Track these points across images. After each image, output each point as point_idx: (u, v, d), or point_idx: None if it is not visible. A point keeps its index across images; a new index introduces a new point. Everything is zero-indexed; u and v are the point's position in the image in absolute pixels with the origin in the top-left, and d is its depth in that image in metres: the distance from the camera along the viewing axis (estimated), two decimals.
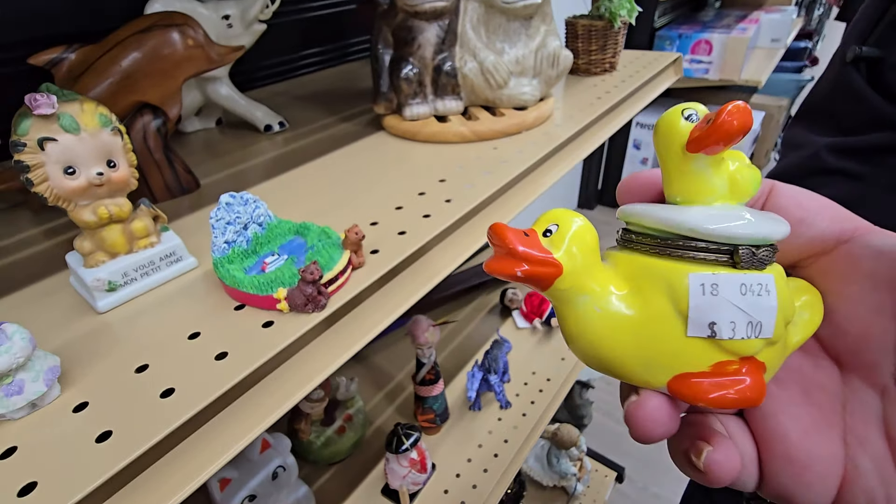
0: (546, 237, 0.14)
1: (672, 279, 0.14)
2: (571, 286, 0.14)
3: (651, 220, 0.14)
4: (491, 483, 0.67)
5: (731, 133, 0.13)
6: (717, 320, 0.13)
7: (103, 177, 0.30)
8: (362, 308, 0.32)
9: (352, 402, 0.69)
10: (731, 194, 0.14)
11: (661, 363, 0.14)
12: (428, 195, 0.42)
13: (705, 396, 0.13)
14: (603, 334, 0.14)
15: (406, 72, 0.51)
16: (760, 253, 0.13)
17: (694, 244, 0.14)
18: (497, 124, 0.52)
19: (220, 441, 0.24)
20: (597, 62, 0.68)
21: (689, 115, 0.14)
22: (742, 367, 0.13)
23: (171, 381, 0.25)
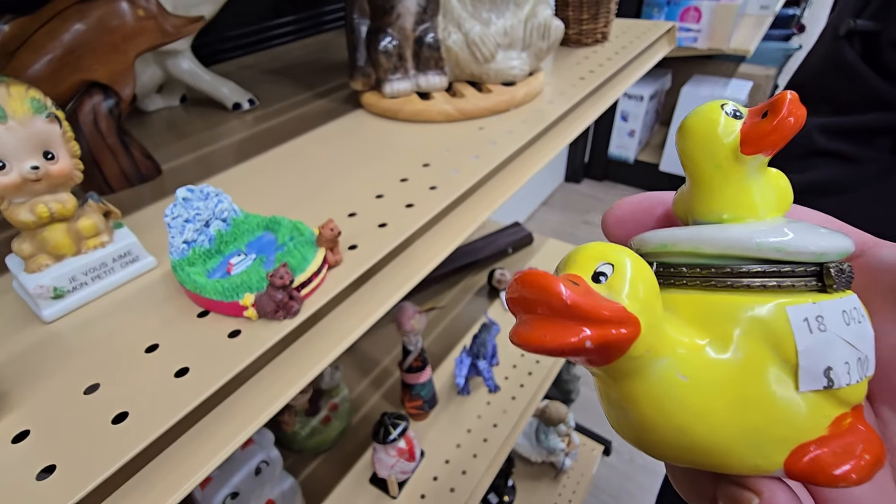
0: (599, 283, 0.10)
1: (768, 318, 0.10)
2: (648, 350, 0.10)
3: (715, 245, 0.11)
4: (481, 468, 0.67)
5: (793, 128, 0.11)
6: (832, 364, 0.10)
7: (39, 171, 0.26)
8: (340, 310, 0.30)
9: (337, 390, 0.68)
10: (777, 206, 0.12)
11: (773, 435, 0.10)
12: (411, 181, 0.39)
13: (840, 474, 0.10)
14: (697, 410, 0.10)
15: (384, 44, 0.47)
16: (847, 268, 0.11)
17: (776, 268, 0.11)
18: (484, 101, 0.49)
19: (181, 469, 0.22)
20: (588, 32, 0.65)
21: (735, 111, 0.12)
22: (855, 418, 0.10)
23: (124, 404, 0.23)
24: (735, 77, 2.02)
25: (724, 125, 0.11)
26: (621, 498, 1.22)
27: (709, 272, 0.11)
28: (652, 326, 0.10)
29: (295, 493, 0.60)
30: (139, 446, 0.20)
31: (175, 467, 0.22)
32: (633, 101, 2.01)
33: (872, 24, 0.34)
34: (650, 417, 0.11)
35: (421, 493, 0.64)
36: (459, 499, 0.63)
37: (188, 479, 0.22)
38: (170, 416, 0.22)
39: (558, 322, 0.09)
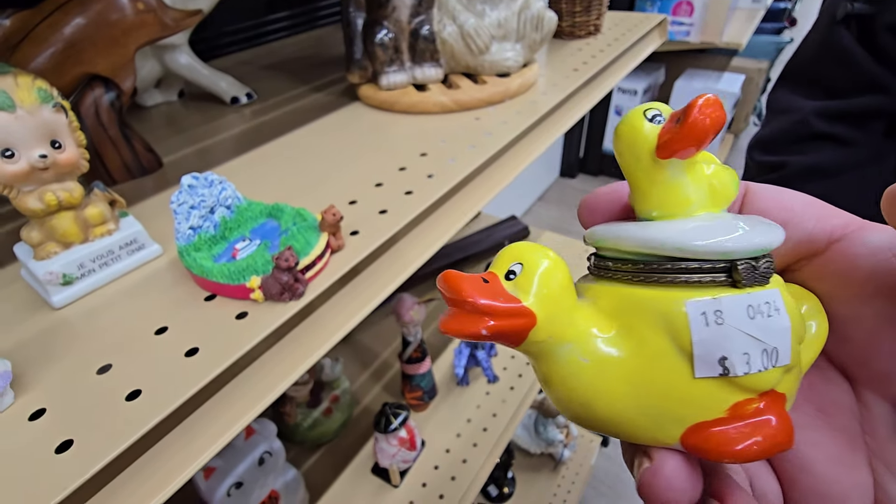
0: (510, 280, 0.12)
1: (667, 310, 0.11)
2: (549, 336, 0.12)
3: (630, 243, 0.12)
4: (481, 457, 0.68)
5: (705, 131, 0.11)
6: (727, 354, 0.11)
7: (47, 159, 0.27)
8: (344, 293, 0.30)
9: (337, 382, 0.68)
10: (712, 201, 0.12)
11: (671, 415, 0.11)
12: (409, 170, 0.40)
13: (730, 450, 0.11)
14: (597, 389, 0.12)
15: (381, 37, 0.48)
16: (762, 265, 0.11)
17: (684, 265, 0.11)
18: (479, 93, 0.49)
19: (193, 445, 0.23)
20: (581, 24, 0.66)
21: (654, 115, 0.12)
22: (762, 403, 0.11)
23: (136, 382, 0.23)
24: (728, 70, 2.03)
25: (644, 132, 0.12)
26: (619, 488, 1.23)
27: (629, 268, 0.12)
28: (552, 317, 0.12)
29: (298, 483, 0.61)
30: (154, 420, 0.21)
31: (189, 442, 0.22)
32: (626, 95, 2.02)
33: (868, 7, 0.35)
34: (561, 393, 0.12)
35: (422, 482, 0.65)
36: (460, 487, 0.64)
37: (202, 454, 0.23)
38: (182, 392, 0.22)
39: (468, 314, 0.11)
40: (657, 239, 0.12)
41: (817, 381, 0.14)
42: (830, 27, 0.38)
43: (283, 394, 0.63)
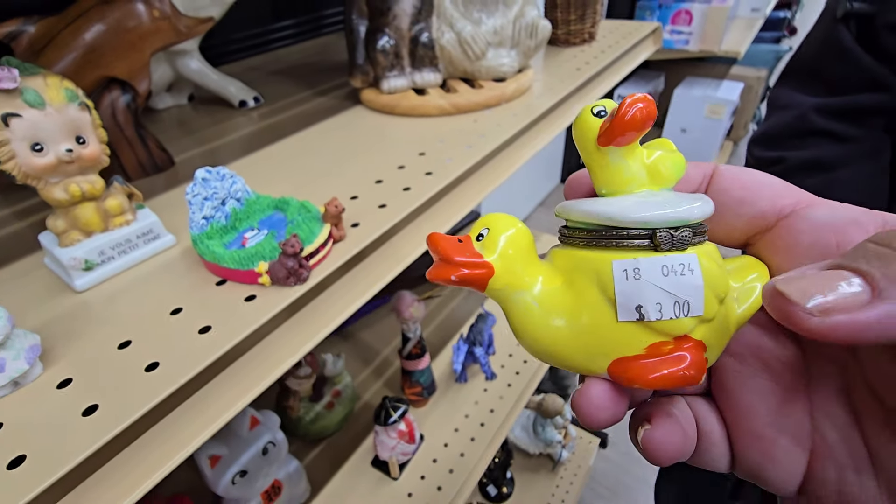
0: (479, 241, 0.15)
1: (599, 268, 0.14)
2: (506, 285, 0.15)
3: (577, 214, 0.15)
4: (478, 451, 0.69)
5: (633, 124, 0.13)
6: (642, 303, 0.13)
7: (73, 153, 0.29)
8: (344, 281, 0.33)
9: (339, 378, 0.70)
10: (653, 181, 0.15)
11: (600, 350, 0.14)
12: (408, 168, 0.42)
13: (643, 378, 0.13)
14: (543, 327, 0.15)
15: (382, 43, 0.50)
16: (680, 234, 0.14)
17: (616, 233, 0.14)
18: (476, 97, 0.52)
19: (206, 413, 0.25)
20: (576, 32, 0.68)
21: (599, 111, 0.15)
22: (678, 346, 0.14)
23: (155, 356, 0.25)
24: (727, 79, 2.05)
25: (589, 124, 0.15)
26: (617, 489, 1.24)
27: (580, 234, 0.15)
28: (508, 269, 0.15)
29: (300, 474, 0.62)
30: (173, 387, 0.23)
31: (202, 409, 0.25)
32: None
33: (868, 6, 0.36)
34: (517, 330, 0.15)
35: (421, 475, 0.66)
36: (458, 479, 0.66)
37: (214, 422, 0.25)
38: (197, 363, 0.24)
39: (444, 265, 0.15)
40: (594, 211, 0.14)
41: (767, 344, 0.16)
42: (831, 25, 0.39)
43: (286, 387, 0.65)
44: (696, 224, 0.14)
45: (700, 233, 0.14)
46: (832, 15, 0.40)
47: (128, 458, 0.23)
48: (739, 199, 0.16)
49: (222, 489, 0.53)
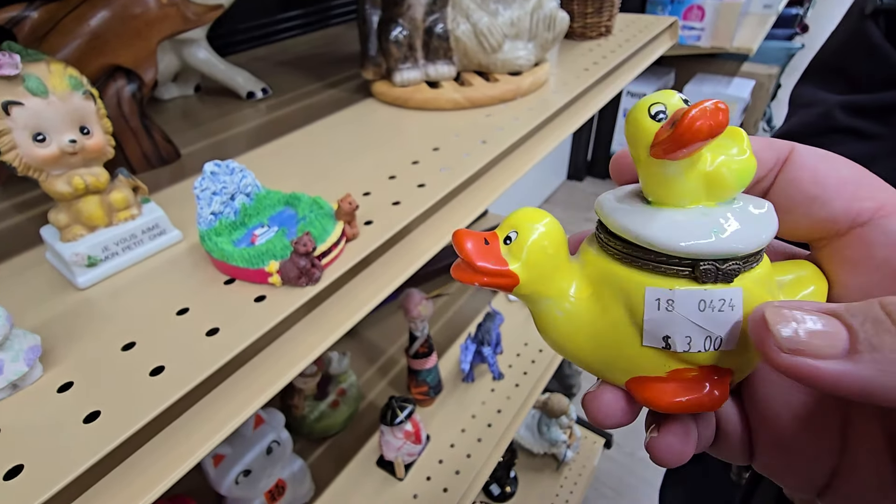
0: (507, 244, 0.14)
1: (630, 290, 0.13)
2: (532, 292, 0.14)
3: (615, 225, 0.14)
4: (485, 452, 0.68)
5: (696, 138, 0.11)
6: (671, 334, 0.13)
7: (76, 144, 0.28)
8: (357, 281, 0.31)
9: (345, 376, 0.69)
10: (711, 192, 0.13)
11: (620, 366, 0.14)
12: (422, 164, 0.40)
13: (660, 401, 0.13)
14: (566, 334, 0.15)
15: (395, 34, 0.48)
16: (727, 267, 0.12)
17: (654, 256, 0.13)
18: (491, 90, 0.50)
19: (213, 419, 0.23)
20: (592, 25, 0.66)
21: (657, 112, 0.12)
22: (702, 374, 0.13)
23: (160, 359, 0.24)
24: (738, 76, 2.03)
25: (644, 127, 0.12)
26: (621, 490, 1.23)
27: (616, 245, 0.14)
28: (534, 278, 0.14)
29: (304, 474, 0.61)
30: (178, 393, 0.22)
31: (209, 416, 0.23)
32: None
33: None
34: (541, 331, 0.15)
35: (427, 476, 0.65)
36: (464, 481, 0.65)
37: (220, 429, 0.23)
38: (204, 368, 0.23)
39: (469, 268, 0.14)
40: (634, 230, 0.13)
41: None
42: (859, 21, 0.38)
43: (291, 385, 0.64)
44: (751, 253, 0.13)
45: (753, 261, 0.13)
46: (860, 11, 0.38)
47: (130, 468, 0.21)
48: (811, 196, 0.14)
49: (226, 489, 0.53)
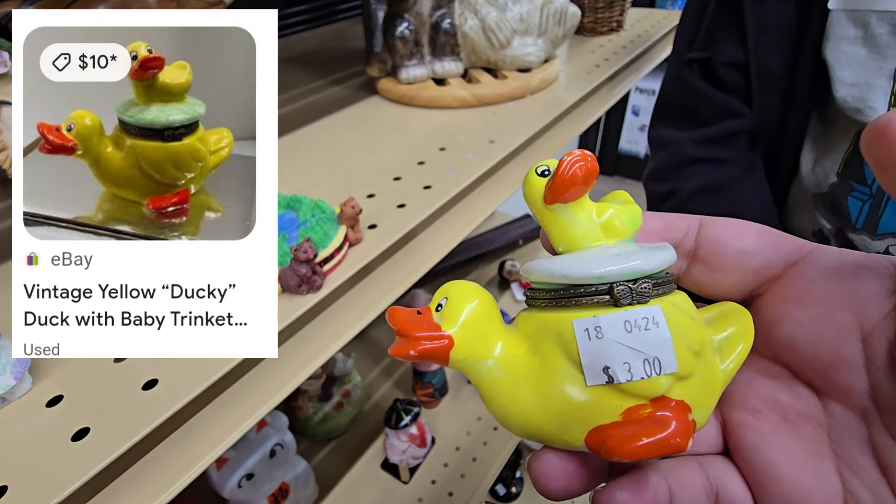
0: (438, 311, 0.14)
1: (560, 329, 0.13)
2: (469, 355, 0.14)
3: (536, 274, 0.14)
4: (491, 455, 0.67)
5: (573, 181, 0.13)
6: (609, 364, 0.12)
7: None
8: (361, 287, 0.30)
9: (349, 377, 0.68)
10: (608, 236, 0.14)
11: (573, 418, 0.13)
12: (428, 165, 0.39)
13: (623, 448, 0.12)
14: (511, 398, 0.14)
15: (401, 30, 0.47)
16: (639, 287, 0.13)
17: (574, 291, 0.13)
18: (500, 88, 0.49)
19: (210, 434, 0.22)
20: (604, 20, 0.64)
21: (543, 171, 0.14)
22: (657, 409, 0.13)
23: (153, 372, 0.23)
24: None
25: (535, 184, 0.14)
26: None
27: (542, 295, 0.14)
28: (469, 339, 0.14)
29: (308, 476, 0.61)
30: (170, 410, 0.21)
31: (206, 432, 0.22)
32: (644, 95, 1.99)
33: (703, 52, 0.42)
34: (487, 403, 0.14)
35: (432, 479, 0.64)
36: (470, 485, 0.64)
37: (218, 444, 0.22)
38: (199, 382, 0.22)
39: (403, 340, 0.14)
40: (549, 270, 0.14)
41: (784, 397, 0.15)
42: (679, 69, 0.44)
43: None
44: (658, 274, 0.14)
45: (663, 283, 0.14)
46: (676, 59, 0.45)
47: (123, 486, 0.20)
48: (740, 250, 0.15)
49: (228, 492, 0.52)
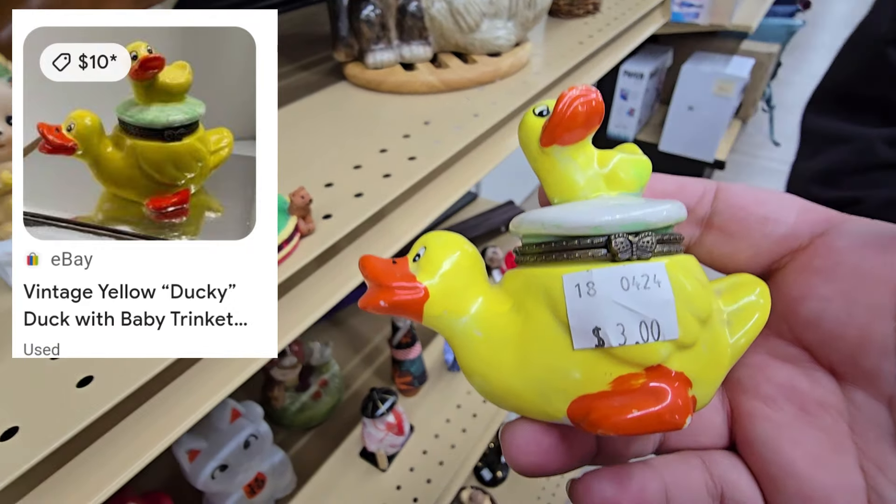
0: (415, 262, 0.13)
1: (548, 284, 0.12)
2: (445, 310, 0.13)
3: (526, 226, 0.13)
4: (470, 443, 0.68)
5: (574, 119, 0.12)
6: (601, 325, 0.11)
7: (2, 136, 0.26)
8: (315, 278, 0.30)
9: (327, 367, 0.68)
10: (611, 186, 0.13)
11: (556, 386, 0.12)
12: (390, 152, 0.38)
13: (609, 421, 0.10)
14: (490, 361, 0.13)
15: (367, 13, 0.46)
16: (640, 240, 0.11)
17: (567, 243, 0.12)
18: (469, 72, 0.48)
19: (144, 435, 0.22)
20: (579, 3, 0.63)
21: (541, 111, 0.13)
22: (652, 380, 0.11)
23: (89, 368, 0.22)
24: (737, 54, 1.98)
25: (531, 125, 0.13)
26: None
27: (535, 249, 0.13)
28: (446, 292, 0.13)
29: (285, 466, 0.61)
30: (103, 408, 0.21)
31: (141, 430, 0.22)
32: (632, 78, 1.98)
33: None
34: (464, 366, 0.13)
35: (410, 466, 0.65)
36: (448, 472, 0.64)
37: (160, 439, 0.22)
38: (138, 377, 0.22)
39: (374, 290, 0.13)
40: (540, 219, 0.12)
41: (801, 383, 0.13)
42: (877, 48, 0.36)
43: (270, 377, 0.63)
44: (664, 229, 0.12)
45: (670, 241, 0.12)
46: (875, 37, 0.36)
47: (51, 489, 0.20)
48: (763, 216, 0.14)
49: (202, 484, 0.52)
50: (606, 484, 0.12)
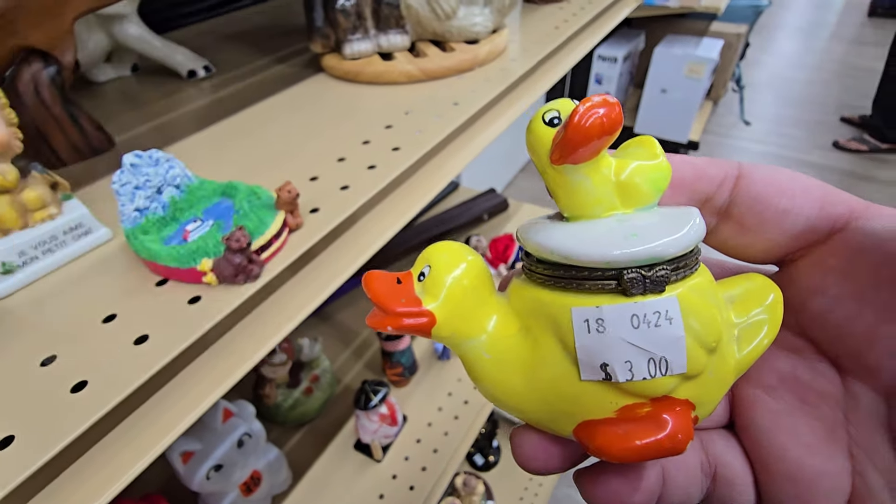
0: (420, 281, 0.13)
1: (556, 315, 0.12)
2: (453, 333, 0.13)
3: (534, 246, 0.12)
4: (463, 429, 0.68)
5: (590, 135, 0.10)
6: (608, 361, 0.11)
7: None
8: (304, 273, 0.29)
9: (317, 362, 0.68)
10: (626, 200, 0.12)
11: (562, 409, 0.12)
12: (373, 144, 0.38)
13: (612, 448, 0.11)
14: (498, 381, 0.13)
15: (342, 3, 0.45)
16: (654, 274, 0.11)
17: (576, 273, 0.11)
18: (447, 61, 0.47)
19: (140, 439, 0.22)
20: None
21: (551, 118, 0.12)
22: (657, 408, 0.11)
23: (83, 374, 0.22)
24: (707, 35, 2.01)
25: (541, 135, 0.12)
26: None
27: (540, 269, 0.12)
28: (453, 316, 0.12)
29: (281, 463, 0.60)
30: (99, 413, 0.20)
31: (138, 434, 0.22)
32: (606, 63, 1.99)
33: None
34: (473, 379, 0.13)
35: (405, 456, 0.65)
36: (442, 458, 0.65)
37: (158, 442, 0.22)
38: (131, 381, 0.21)
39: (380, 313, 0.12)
40: (549, 246, 0.12)
41: (803, 373, 0.14)
42: None
43: (260, 375, 0.62)
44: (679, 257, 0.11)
45: (684, 266, 0.11)
46: None
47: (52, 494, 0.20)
48: (782, 209, 0.13)
49: (197, 485, 0.51)
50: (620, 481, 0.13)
